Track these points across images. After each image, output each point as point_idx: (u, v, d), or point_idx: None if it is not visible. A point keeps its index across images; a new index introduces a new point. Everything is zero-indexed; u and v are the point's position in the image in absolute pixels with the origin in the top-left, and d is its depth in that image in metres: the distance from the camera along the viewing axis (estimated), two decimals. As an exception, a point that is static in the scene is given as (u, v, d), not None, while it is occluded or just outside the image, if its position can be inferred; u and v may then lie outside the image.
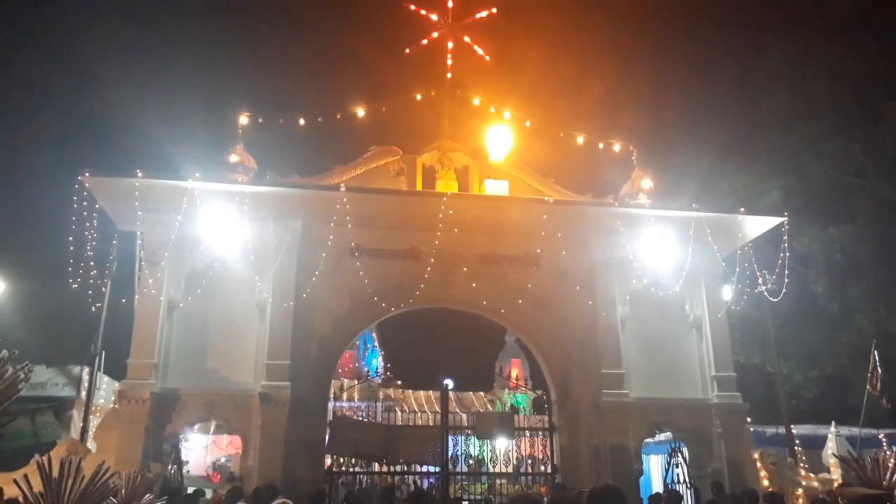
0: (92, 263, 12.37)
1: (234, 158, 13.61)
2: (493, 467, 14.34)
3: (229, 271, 12.78)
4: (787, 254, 14.22)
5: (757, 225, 14.49)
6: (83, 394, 15.20)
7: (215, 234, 12.62)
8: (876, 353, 14.58)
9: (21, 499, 5.69)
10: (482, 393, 31.55)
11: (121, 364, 12.53)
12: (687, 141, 23.67)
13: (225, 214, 12.61)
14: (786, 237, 14.34)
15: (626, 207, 14.26)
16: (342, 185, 13.35)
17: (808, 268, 20.53)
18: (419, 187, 14.28)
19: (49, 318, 19.54)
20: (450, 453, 13.52)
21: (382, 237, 13.61)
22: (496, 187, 14.22)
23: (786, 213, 14.50)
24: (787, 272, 14.09)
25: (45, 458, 6.40)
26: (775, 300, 14.38)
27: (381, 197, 13.68)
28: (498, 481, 14.95)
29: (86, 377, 15.52)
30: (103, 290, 13.41)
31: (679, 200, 14.70)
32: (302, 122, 14.56)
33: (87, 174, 12.12)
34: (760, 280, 14.16)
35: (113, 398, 13.23)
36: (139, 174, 12.35)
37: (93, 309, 13.25)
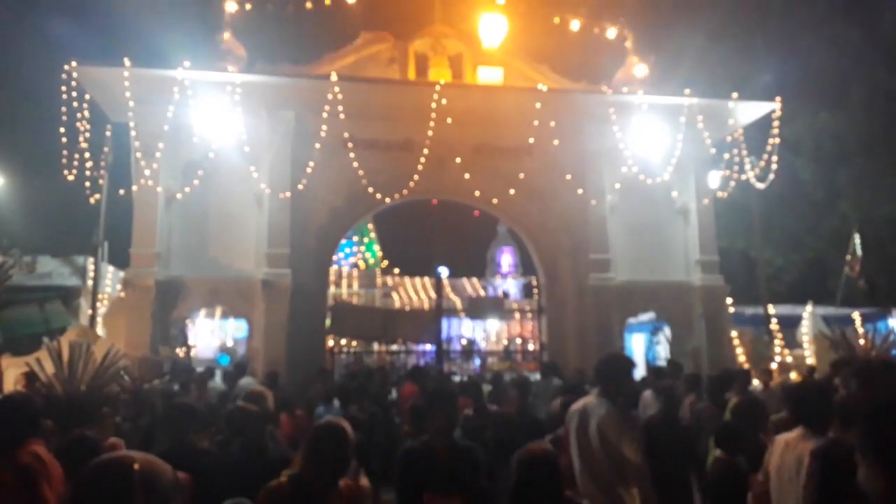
0: (87, 155, 12.39)
1: (222, 47, 13.38)
2: (485, 346, 15.24)
3: (225, 162, 12.84)
4: (778, 140, 14.27)
5: (749, 111, 14.45)
6: (89, 283, 15.68)
7: (208, 124, 12.62)
8: (857, 237, 15.07)
9: (38, 383, 6.11)
10: (475, 279, 32.41)
11: (124, 254, 12.86)
12: (683, 23, 22.98)
13: (217, 105, 12.56)
14: (776, 122, 14.33)
15: (619, 95, 14.21)
16: (333, 74, 13.21)
17: (797, 154, 20.64)
18: (411, 76, 14.09)
19: (51, 211, 19.68)
20: (444, 334, 14.27)
21: (376, 128, 13.57)
22: (490, 75, 14.05)
23: (778, 98, 14.43)
24: (775, 158, 14.21)
25: (55, 343, 6.83)
26: (762, 186, 14.60)
27: (372, 86, 13.52)
28: (489, 359, 15.93)
29: (90, 267, 15.94)
30: (101, 181, 13.50)
31: (673, 86, 14.60)
32: (290, 7, 14.16)
33: (73, 63, 11.97)
34: (748, 167, 14.31)
35: (118, 286, 13.69)
36: (127, 63, 12.20)
37: (91, 201, 13.38)
